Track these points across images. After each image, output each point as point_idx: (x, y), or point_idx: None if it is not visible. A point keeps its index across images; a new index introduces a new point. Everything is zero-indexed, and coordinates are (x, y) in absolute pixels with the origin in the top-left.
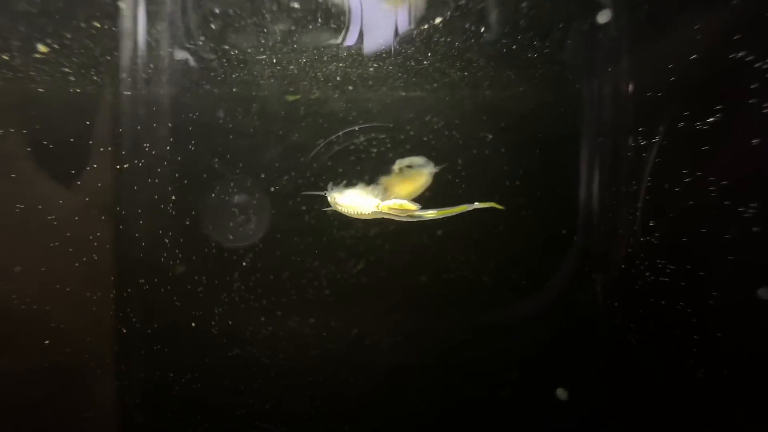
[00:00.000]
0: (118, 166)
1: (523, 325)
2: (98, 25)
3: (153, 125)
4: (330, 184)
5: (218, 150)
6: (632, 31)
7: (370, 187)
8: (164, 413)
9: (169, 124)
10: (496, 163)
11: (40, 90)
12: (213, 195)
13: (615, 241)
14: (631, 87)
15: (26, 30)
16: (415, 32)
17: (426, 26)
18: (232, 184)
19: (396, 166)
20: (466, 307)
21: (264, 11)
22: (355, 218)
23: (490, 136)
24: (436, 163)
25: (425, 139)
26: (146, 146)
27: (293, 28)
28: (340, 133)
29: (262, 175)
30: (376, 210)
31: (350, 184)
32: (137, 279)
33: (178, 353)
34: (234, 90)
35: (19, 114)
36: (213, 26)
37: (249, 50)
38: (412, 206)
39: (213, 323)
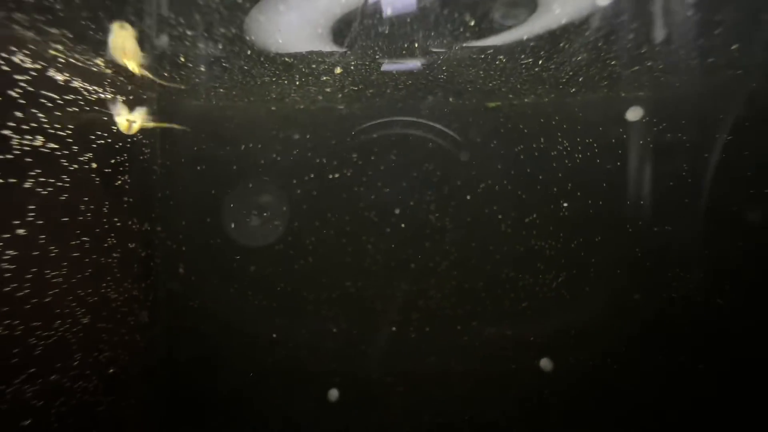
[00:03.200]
0: None
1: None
2: None
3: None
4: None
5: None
6: None
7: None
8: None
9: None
10: (732, 165)
11: None
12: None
13: None
14: None
15: None
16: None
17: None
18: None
19: None
20: (687, 331)
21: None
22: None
23: (730, 137)
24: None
25: (641, 142)
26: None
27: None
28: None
29: (458, 182)
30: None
31: None
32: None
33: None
34: (433, 98)
35: None
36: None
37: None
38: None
39: (410, 329)
